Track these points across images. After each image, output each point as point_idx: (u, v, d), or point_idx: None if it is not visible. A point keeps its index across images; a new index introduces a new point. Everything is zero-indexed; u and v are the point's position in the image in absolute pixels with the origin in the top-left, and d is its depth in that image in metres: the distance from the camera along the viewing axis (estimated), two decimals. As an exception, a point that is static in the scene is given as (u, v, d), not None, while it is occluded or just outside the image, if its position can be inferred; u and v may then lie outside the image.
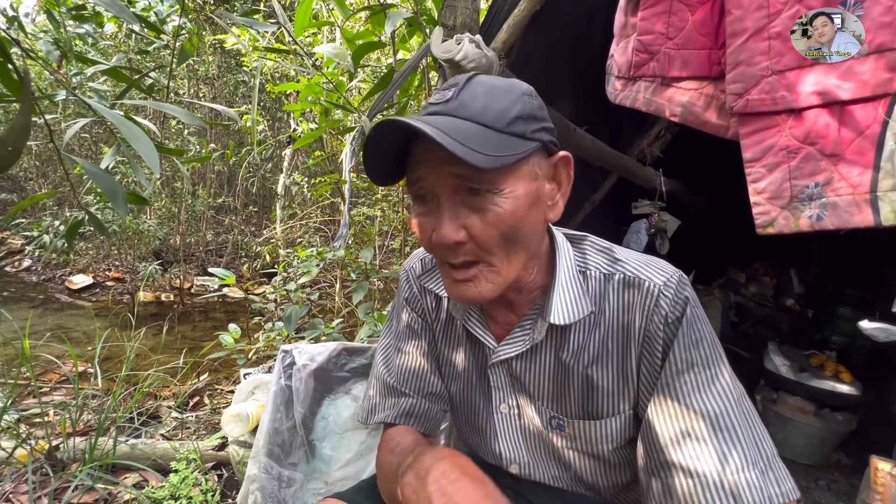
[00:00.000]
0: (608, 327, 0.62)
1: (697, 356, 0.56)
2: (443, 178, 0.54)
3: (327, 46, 1.46)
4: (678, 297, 0.58)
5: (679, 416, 0.54)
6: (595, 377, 0.63)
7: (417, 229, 0.59)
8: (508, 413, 0.72)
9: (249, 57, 3.05)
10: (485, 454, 0.78)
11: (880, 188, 0.90)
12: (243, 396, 1.63)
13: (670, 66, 1.14)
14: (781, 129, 1.00)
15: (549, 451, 0.71)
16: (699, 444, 0.52)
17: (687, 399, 0.54)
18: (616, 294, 0.62)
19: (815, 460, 2.11)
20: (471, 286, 0.57)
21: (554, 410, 0.67)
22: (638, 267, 0.62)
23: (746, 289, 3.89)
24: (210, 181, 5.39)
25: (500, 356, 0.68)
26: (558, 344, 0.65)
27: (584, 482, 0.71)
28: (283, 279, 2.49)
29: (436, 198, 0.56)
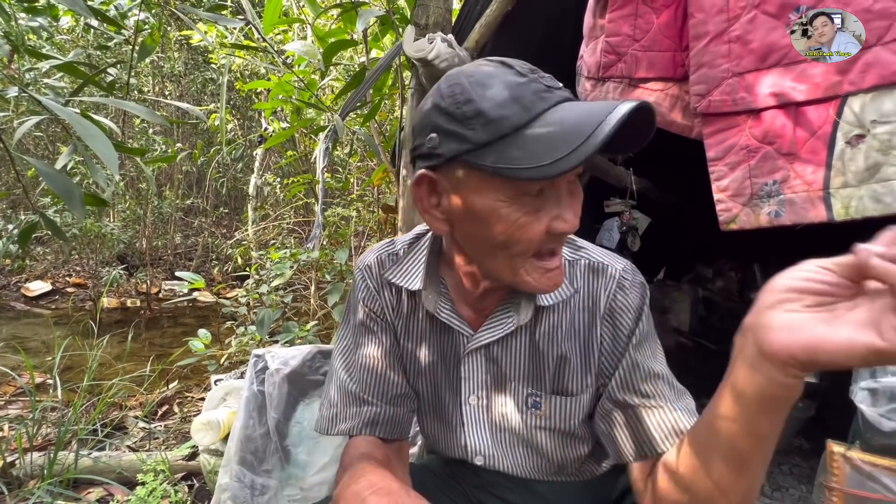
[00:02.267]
0: (576, 307, 0.67)
1: (650, 329, 0.66)
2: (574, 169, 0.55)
3: (297, 44, 1.43)
4: (636, 280, 0.67)
5: (646, 377, 0.64)
6: (567, 354, 0.67)
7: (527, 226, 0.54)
8: (477, 404, 0.73)
9: (217, 54, 2.96)
10: (449, 448, 0.78)
11: (832, 185, 0.95)
12: (214, 403, 1.58)
13: (637, 68, 1.17)
14: (742, 129, 1.04)
15: (516, 438, 0.73)
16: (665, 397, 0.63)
17: (648, 363, 0.64)
18: (582, 277, 0.67)
19: (779, 446, 2.21)
20: (560, 274, 0.59)
21: (531, 388, 0.70)
22: (599, 254, 0.69)
23: (713, 284, 4.03)
24: (178, 182, 5.21)
25: (482, 341, 0.68)
26: (533, 324, 0.68)
27: (549, 461, 0.73)
28: (255, 282, 2.43)
29: (552, 188, 0.54)
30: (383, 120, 2.40)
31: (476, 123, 0.50)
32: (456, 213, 0.58)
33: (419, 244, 0.75)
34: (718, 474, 0.49)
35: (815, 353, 0.37)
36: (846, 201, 0.94)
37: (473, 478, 0.82)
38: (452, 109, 0.52)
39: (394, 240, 0.80)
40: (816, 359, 0.37)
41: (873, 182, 0.91)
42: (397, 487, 0.53)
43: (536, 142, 0.48)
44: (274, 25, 1.95)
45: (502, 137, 0.50)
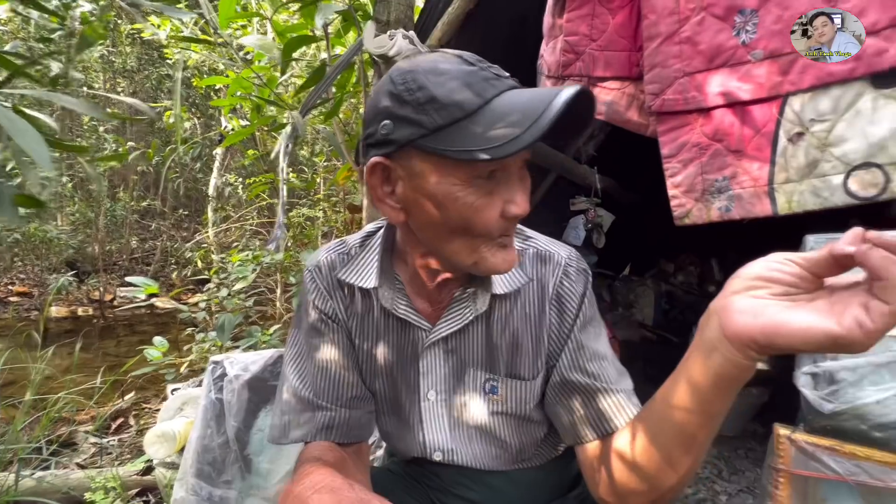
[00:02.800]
0: (526, 294, 0.69)
1: (594, 312, 0.70)
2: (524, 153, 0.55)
3: (253, 38, 1.38)
4: (580, 267, 0.70)
5: (591, 358, 0.67)
6: (519, 339, 0.69)
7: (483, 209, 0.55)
8: (436, 399, 0.73)
9: (172, 49, 2.83)
10: (407, 447, 0.77)
11: (776, 181, 0.99)
12: (170, 414, 1.51)
13: (595, 67, 1.19)
14: (693, 127, 1.07)
15: (474, 430, 0.73)
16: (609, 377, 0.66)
17: (593, 344, 0.68)
18: (531, 265, 0.70)
19: (735, 431, 2.32)
20: (513, 251, 0.61)
21: (488, 373, 0.71)
22: (546, 243, 0.72)
23: (675, 278, 4.19)
24: (133, 183, 4.95)
25: (441, 333, 0.68)
26: (488, 312, 0.69)
27: (506, 449, 0.74)
28: (216, 286, 2.34)
29: (504, 172, 0.56)
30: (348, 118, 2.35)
31: (430, 108, 0.52)
32: (411, 201, 0.58)
33: (371, 242, 0.74)
34: (669, 451, 0.52)
35: (774, 336, 0.40)
36: (789, 196, 0.98)
37: (434, 479, 0.81)
38: (406, 96, 0.53)
39: (344, 239, 0.78)
40: (774, 342, 0.40)
41: (812, 177, 0.96)
42: (340, 484, 0.52)
43: (488, 125, 0.50)
44: (230, 20, 1.88)
45: (455, 122, 0.51)
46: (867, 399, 0.78)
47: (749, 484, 1.90)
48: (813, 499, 0.83)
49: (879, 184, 0.88)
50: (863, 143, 0.89)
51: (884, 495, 0.77)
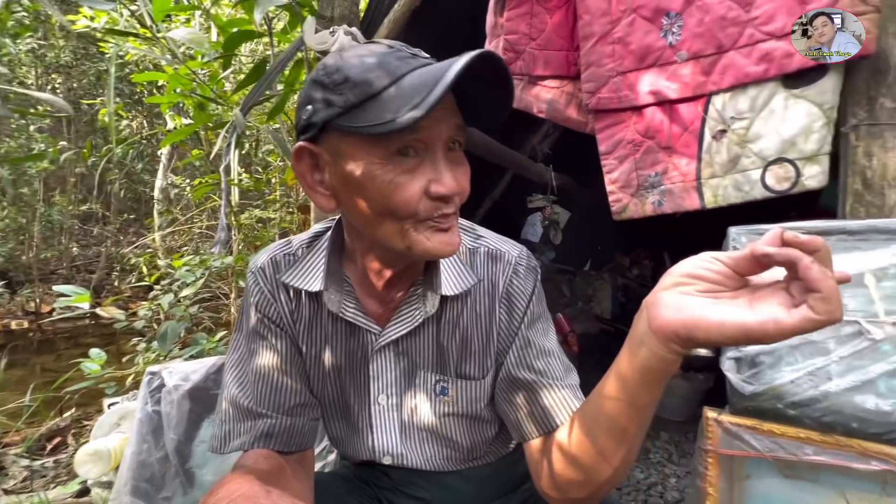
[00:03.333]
0: (477, 293, 0.69)
1: (542, 310, 0.71)
2: (447, 129, 0.55)
3: (182, 31, 1.32)
4: (530, 265, 0.71)
5: (538, 355, 0.67)
6: (469, 339, 0.69)
7: (402, 187, 0.54)
8: (387, 403, 0.72)
9: (108, 43, 2.66)
10: (356, 451, 0.76)
11: (703, 176, 1.04)
12: (105, 430, 1.42)
13: (535, 65, 1.21)
14: (627, 125, 1.11)
15: (426, 432, 0.73)
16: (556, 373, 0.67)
17: (540, 341, 0.68)
18: (482, 265, 0.70)
19: (684, 416, 2.43)
20: (453, 233, 0.59)
21: (439, 374, 0.71)
22: (497, 242, 0.72)
23: (630, 272, 4.34)
24: (71, 186, 4.62)
25: (390, 337, 0.68)
26: (438, 312, 0.68)
27: (457, 449, 0.74)
28: (163, 292, 2.22)
29: (426, 151, 0.55)
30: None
31: (344, 88, 0.53)
32: (338, 186, 0.58)
33: (319, 242, 0.71)
34: (602, 444, 0.54)
35: (694, 329, 0.42)
36: (715, 190, 1.04)
37: (384, 479, 0.80)
38: (324, 80, 0.55)
39: (290, 239, 0.75)
40: (693, 335, 0.42)
41: (734, 172, 1.01)
42: (256, 491, 0.50)
43: (396, 99, 0.51)
44: (166, 12, 1.79)
45: (368, 99, 0.52)
46: (783, 379, 0.83)
47: (695, 465, 1.99)
48: (738, 476, 0.88)
49: (791, 178, 0.94)
50: (776, 140, 0.95)
51: (797, 468, 0.82)
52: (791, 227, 0.86)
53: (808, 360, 0.82)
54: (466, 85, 0.53)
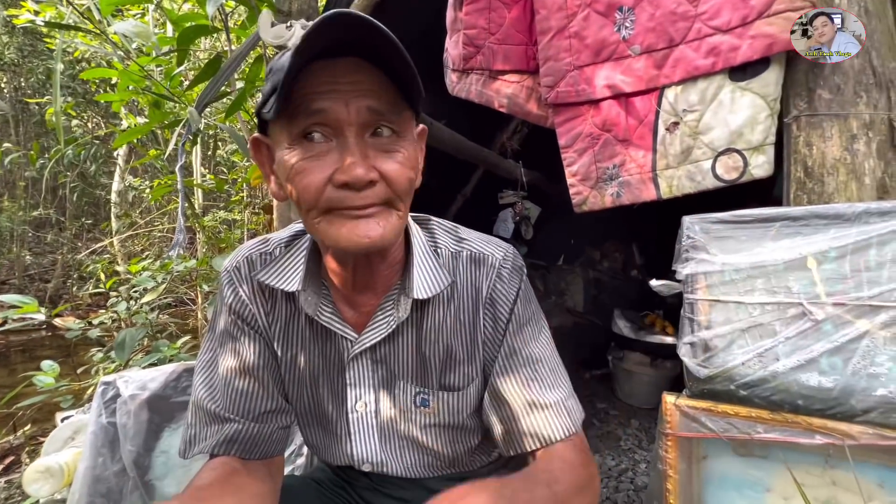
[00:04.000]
0: (460, 299, 0.67)
1: (531, 313, 0.68)
2: (356, 113, 0.51)
3: (126, 24, 1.26)
4: (515, 267, 0.68)
5: (525, 363, 0.65)
6: (453, 348, 0.67)
7: (302, 173, 0.52)
8: (365, 411, 0.69)
9: (54, 38, 2.52)
10: (335, 458, 0.74)
11: (658, 167, 1.07)
12: (58, 444, 1.35)
13: (494, 60, 1.22)
14: (585, 118, 1.13)
15: (406, 441, 0.71)
16: (543, 383, 0.65)
17: (528, 347, 0.66)
18: (465, 269, 0.67)
19: (654, 403, 2.50)
20: (373, 223, 0.54)
21: (419, 386, 0.68)
22: (480, 244, 0.69)
23: (601, 264, 4.44)
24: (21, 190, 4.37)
25: (365, 344, 0.65)
26: (419, 320, 0.66)
27: (439, 458, 0.72)
28: (118, 299, 2.13)
29: (336, 135, 0.52)
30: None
31: (268, 77, 0.55)
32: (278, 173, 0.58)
33: (298, 242, 0.68)
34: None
35: None
36: (669, 181, 1.06)
37: (362, 479, 0.79)
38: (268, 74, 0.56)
39: (268, 237, 0.72)
40: None
41: (687, 163, 1.04)
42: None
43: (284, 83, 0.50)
44: (116, 5, 1.71)
45: (277, 85, 0.50)
46: (734, 362, 0.86)
47: (664, 450, 2.05)
48: (696, 457, 0.91)
49: (740, 167, 0.98)
50: (725, 131, 0.98)
51: (750, 446, 0.85)
52: (741, 215, 0.89)
53: (757, 343, 0.85)
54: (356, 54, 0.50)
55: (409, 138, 0.57)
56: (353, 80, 0.51)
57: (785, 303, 0.84)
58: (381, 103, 0.52)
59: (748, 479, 0.86)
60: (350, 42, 0.49)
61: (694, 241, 0.94)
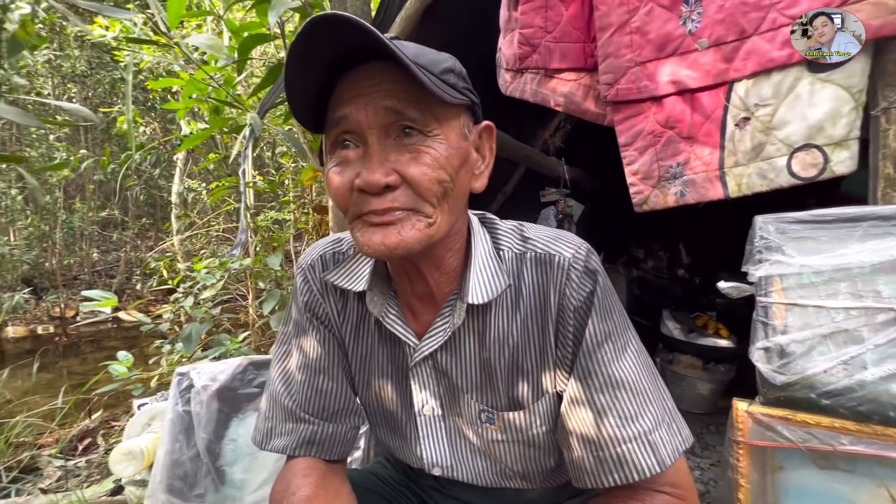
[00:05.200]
0: (527, 308, 0.61)
1: (611, 326, 0.58)
2: (374, 114, 0.50)
3: (201, 37, 1.34)
4: (588, 269, 0.59)
5: (601, 387, 0.57)
6: (520, 360, 0.61)
7: (334, 181, 0.53)
8: (432, 415, 0.67)
9: (122, 51, 2.71)
10: (406, 458, 0.73)
11: (726, 165, 1.03)
12: (137, 430, 1.45)
13: (551, 58, 1.20)
14: (647, 116, 1.10)
15: (475, 448, 0.68)
16: (621, 413, 0.56)
17: (606, 369, 0.57)
18: (530, 273, 0.61)
19: (706, 409, 2.40)
20: (392, 231, 0.51)
21: (483, 403, 0.64)
22: (547, 243, 0.61)
23: (645, 263, 4.30)
24: (90, 193, 4.72)
25: (424, 352, 0.63)
26: (481, 329, 0.62)
27: (512, 472, 0.69)
28: (182, 295, 2.27)
29: (362, 141, 0.52)
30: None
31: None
32: None
33: None
34: None
35: None
36: (738, 179, 1.02)
37: (430, 479, 0.78)
38: None
39: (341, 236, 0.71)
40: None
41: (759, 160, 0.99)
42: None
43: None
44: (180, 18, 1.82)
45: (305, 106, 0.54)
46: (815, 369, 0.82)
47: (720, 458, 1.97)
48: (771, 467, 0.87)
49: (819, 164, 0.93)
50: (803, 126, 0.93)
51: (833, 458, 0.81)
52: (822, 215, 0.85)
53: (841, 350, 0.81)
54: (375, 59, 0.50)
55: (446, 137, 0.53)
56: (374, 83, 0.50)
57: (874, 308, 0.79)
58: (401, 102, 0.50)
59: (830, 494, 0.82)
60: (366, 48, 0.48)
61: (768, 241, 0.90)
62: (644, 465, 0.55)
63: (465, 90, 0.55)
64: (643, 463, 0.55)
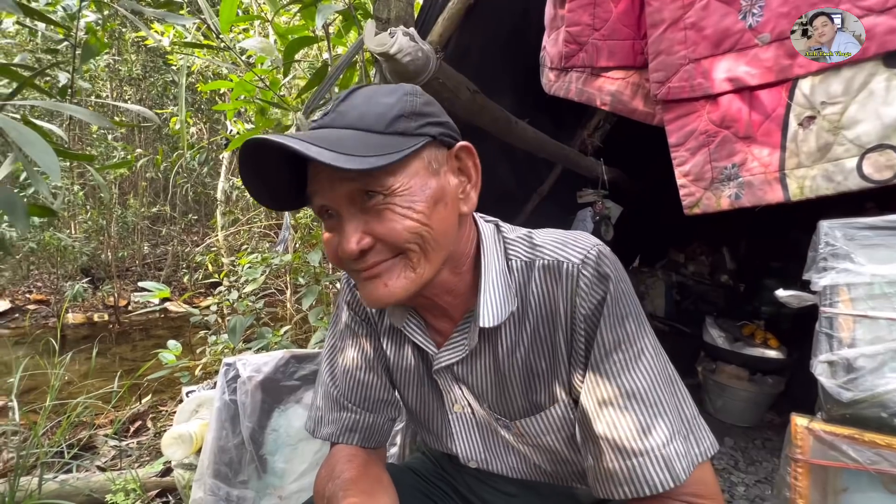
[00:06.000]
0: (536, 317, 0.61)
1: (623, 334, 0.56)
2: (336, 190, 0.54)
3: (253, 41, 1.39)
4: (598, 274, 0.56)
5: (611, 398, 0.55)
6: (532, 367, 0.63)
7: (327, 247, 0.59)
8: (462, 412, 0.72)
9: (175, 55, 2.85)
10: (443, 450, 0.78)
11: (787, 166, 0.97)
12: (186, 416, 1.53)
13: (598, 57, 1.17)
14: (700, 115, 1.05)
15: (507, 444, 0.72)
16: (632, 425, 0.54)
17: (617, 379, 0.55)
18: (539, 282, 0.60)
19: (752, 422, 2.29)
20: (379, 283, 0.55)
21: (498, 412, 0.67)
22: (555, 249, 0.60)
23: (686, 268, 4.14)
24: (142, 189, 5.00)
25: (442, 363, 0.67)
26: (493, 343, 0.64)
27: (545, 471, 0.72)
28: (227, 289, 2.36)
29: (336, 211, 0.56)
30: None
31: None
32: None
33: None
34: None
35: None
36: (801, 181, 0.96)
37: (469, 469, 0.80)
38: None
39: None
40: None
41: (825, 161, 0.93)
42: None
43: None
44: (231, 23, 1.89)
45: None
46: (887, 386, 0.77)
47: (767, 474, 1.88)
48: (833, 488, 0.82)
49: (895, 166, 0.86)
50: (877, 125, 0.87)
51: (906, 484, 0.75)
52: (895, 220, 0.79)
53: (918, 366, 0.75)
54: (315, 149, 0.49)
55: (407, 186, 0.53)
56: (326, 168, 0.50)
57: (957, 323, 0.73)
58: (353, 177, 0.52)
59: (902, 520, 0.76)
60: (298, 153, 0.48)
61: (834, 248, 0.85)
62: (656, 480, 0.53)
63: (421, 127, 0.55)
64: (655, 478, 0.53)
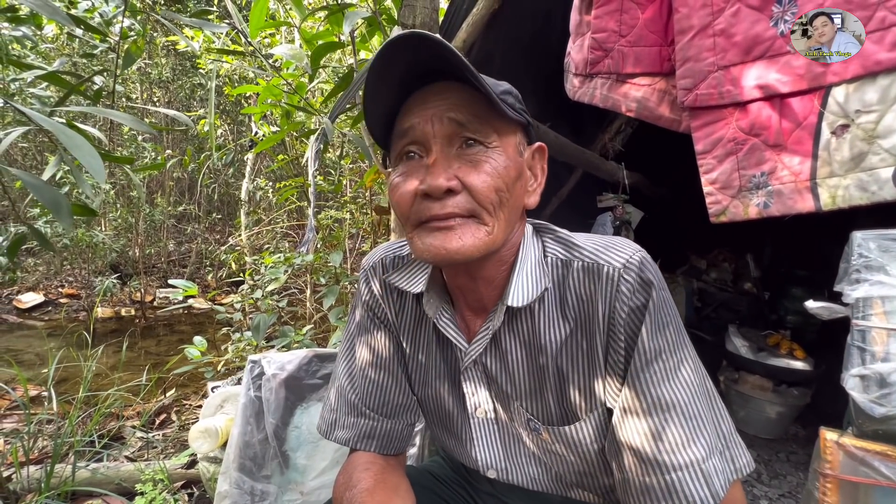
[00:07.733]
0: (574, 318, 0.59)
1: (664, 343, 0.55)
2: (439, 125, 0.53)
3: (283, 47, 1.43)
4: (640, 280, 0.55)
5: (650, 409, 0.54)
6: (567, 371, 0.60)
7: (398, 189, 0.56)
8: (485, 418, 0.68)
9: (204, 59, 2.94)
10: (461, 458, 0.75)
11: (819, 175, 0.95)
12: (212, 411, 1.57)
13: (624, 63, 1.17)
14: (729, 122, 1.04)
15: (530, 453, 0.68)
16: (672, 438, 0.53)
17: (656, 390, 0.54)
18: (577, 282, 0.59)
19: (775, 434, 2.23)
20: (453, 236, 0.53)
21: (531, 413, 0.64)
22: (595, 251, 0.59)
23: (707, 275, 4.06)
24: (169, 189, 5.16)
25: (472, 355, 0.64)
26: (527, 335, 0.62)
27: (567, 483, 0.68)
28: (250, 287, 2.42)
29: (426, 151, 0.55)
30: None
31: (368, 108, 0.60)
32: None
33: None
34: None
35: None
36: (833, 191, 0.95)
37: (485, 483, 0.79)
38: None
39: (404, 240, 0.73)
40: None
41: (859, 171, 0.92)
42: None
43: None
44: (260, 29, 1.94)
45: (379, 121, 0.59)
46: (922, 403, 0.75)
47: (791, 489, 1.83)
48: (863, 505, 0.80)
49: (933, 176, 0.84)
50: (914, 134, 0.85)
51: (942, 503, 0.73)
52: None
53: (956, 383, 0.73)
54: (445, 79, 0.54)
55: (504, 150, 0.55)
56: (441, 98, 0.54)
57: None
58: (465, 115, 0.53)
59: (937, 541, 0.74)
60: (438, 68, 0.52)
61: (868, 259, 0.83)
62: (696, 496, 0.52)
63: (521, 111, 0.59)
64: (695, 494, 0.52)
